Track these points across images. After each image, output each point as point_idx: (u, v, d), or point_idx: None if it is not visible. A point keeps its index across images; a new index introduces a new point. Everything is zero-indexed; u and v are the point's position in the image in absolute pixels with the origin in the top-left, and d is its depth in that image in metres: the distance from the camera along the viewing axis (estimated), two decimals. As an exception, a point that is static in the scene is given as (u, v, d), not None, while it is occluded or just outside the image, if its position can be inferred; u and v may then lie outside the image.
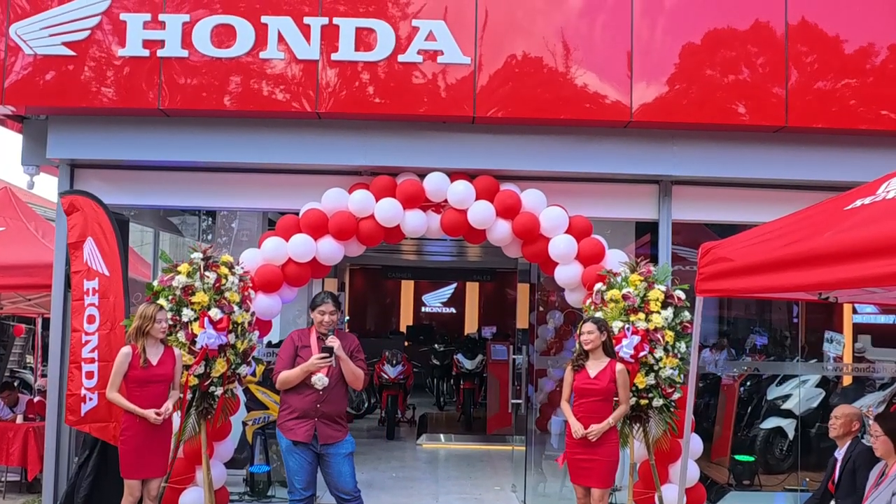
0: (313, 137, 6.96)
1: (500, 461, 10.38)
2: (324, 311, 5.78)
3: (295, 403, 5.72)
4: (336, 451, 5.73)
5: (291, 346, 5.83)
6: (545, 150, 6.97)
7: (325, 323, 5.76)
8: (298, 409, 5.69)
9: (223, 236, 9.90)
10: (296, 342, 5.83)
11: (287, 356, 5.78)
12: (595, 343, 5.78)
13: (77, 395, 6.54)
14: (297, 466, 5.70)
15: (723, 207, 7.30)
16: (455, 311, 20.43)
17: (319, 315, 5.78)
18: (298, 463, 5.70)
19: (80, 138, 6.99)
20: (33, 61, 6.72)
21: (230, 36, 6.69)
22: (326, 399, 5.69)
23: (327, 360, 5.63)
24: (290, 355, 5.77)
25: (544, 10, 6.82)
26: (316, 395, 5.67)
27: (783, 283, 3.87)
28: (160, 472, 5.83)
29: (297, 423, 5.68)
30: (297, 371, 5.67)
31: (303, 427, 5.67)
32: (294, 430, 5.68)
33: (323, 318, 5.77)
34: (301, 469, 5.70)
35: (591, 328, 5.81)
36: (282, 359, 5.81)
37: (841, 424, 5.67)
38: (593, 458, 5.72)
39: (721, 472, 8.45)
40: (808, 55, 6.80)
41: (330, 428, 5.71)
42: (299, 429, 5.67)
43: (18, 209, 9.34)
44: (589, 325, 5.83)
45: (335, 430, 5.74)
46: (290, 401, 5.75)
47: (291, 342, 5.85)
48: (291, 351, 5.79)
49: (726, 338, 10.93)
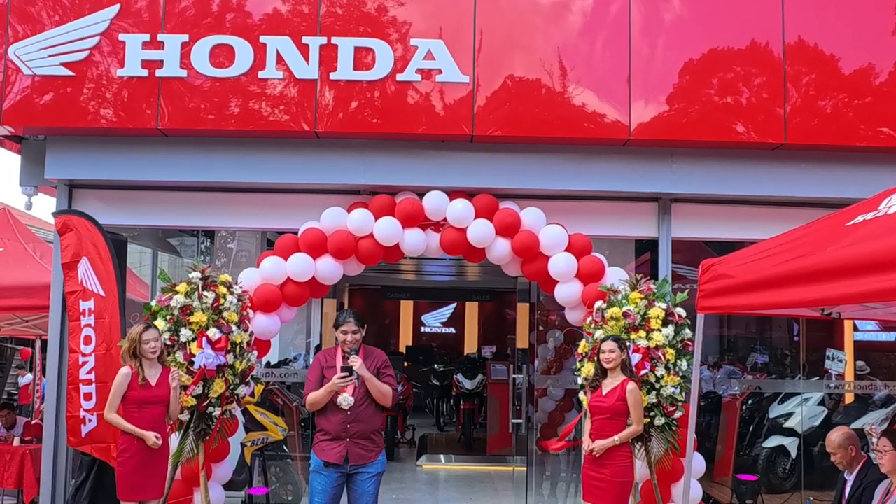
0: (312, 157, 6.95)
1: (501, 482, 10.31)
2: (346, 330, 5.66)
3: (325, 426, 5.64)
4: (366, 470, 5.65)
5: (318, 367, 5.75)
6: (544, 168, 6.96)
7: (348, 342, 5.65)
8: (330, 431, 5.61)
9: (222, 257, 9.88)
10: (322, 363, 5.76)
11: (315, 377, 5.70)
12: (616, 362, 5.72)
13: (77, 417, 6.50)
14: (320, 488, 5.61)
15: (722, 225, 7.28)
16: (454, 331, 20.37)
17: (342, 335, 5.68)
18: (322, 485, 5.61)
19: (79, 159, 6.98)
20: (32, 82, 6.72)
21: (229, 56, 6.70)
22: (355, 419, 5.60)
23: (348, 379, 5.53)
24: (318, 376, 5.69)
25: (542, 28, 6.84)
26: (343, 416, 5.58)
27: (785, 299, 3.85)
28: (157, 495, 5.76)
29: (330, 445, 5.60)
30: (321, 392, 5.58)
31: (335, 449, 5.58)
32: (326, 451, 5.60)
33: (346, 338, 5.66)
34: (323, 492, 5.60)
35: (613, 346, 5.74)
36: (310, 380, 5.73)
37: (841, 457, 5.57)
38: (602, 478, 5.67)
39: (724, 492, 8.40)
40: (807, 73, 6.82)
41: (362, 448, 5.62)
42: (332, 450, 5.59)
43: (16, 230, 9.31)
44: (610, 344, 5.76)
45: (367, 450, 5.64)
46: (321, 423, 5.68)
47: (318, 363, 5.78)
48: (318, 372, 5.71)
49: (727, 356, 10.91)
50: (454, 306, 20.25)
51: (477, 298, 19.35)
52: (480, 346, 17.68)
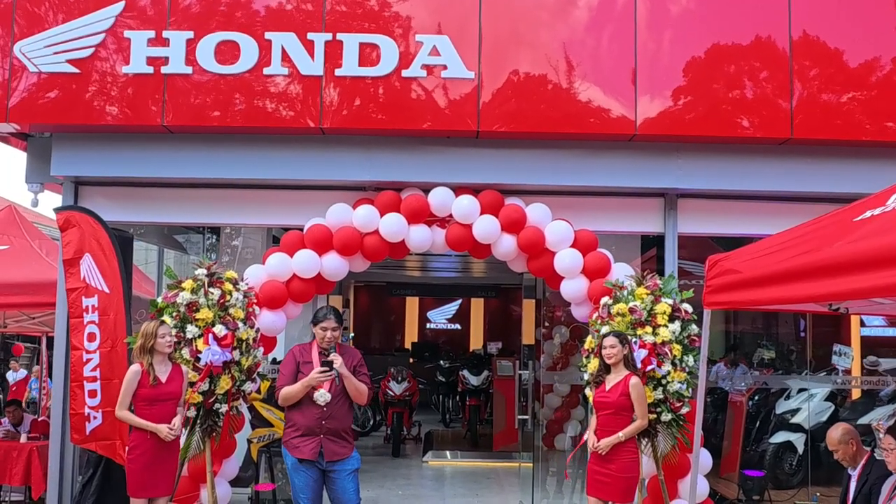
0: (317, 153, 6.94)
1: (507, 478, 10.30)
2: (326, 326, 5.68)
3: (299, 420, 5.64)
4: (341, 467, 5.65)
5: (293, 361, 5.74)
6: (550, 164, 6.95)
7: (327, 339, 5.67)
8: (303, 426, 5.61)
9: (227, 254, 9.89)
10: (297, 357, 5.75)
11: (289, 372, 5.70)
12: (617, 357, 5.73)
13: (81, 414, 6.49)
14: (302, 484, 5.63)
15: (729, 220, 7.26)
16: (460, 328, 20.39)
17: (321, 331, 5.69)
18: (304, 481, 5.62)
19: (84, 156, 6.98)
20: (38, 79, 6.72)
21: (234, 52, 6.69)
22: (330, 415, 5.61)
23: (328, 374, 5.54)
24: (292, 371, 5.69)
25: (548, 23, 6.81)
26: (320, 412, 5.59)
27: (793, 294, 3.83)
28: (167, 492, 5.75)
29: (303, 441, 5.61)
30: (298, 386, 5.59)
31: (308, 445, 5.59)
32: (300, 447, 5.60)
33: (325, 334, 5.67)
34: (307, 487, 5.61)
35: (613, 342, 5.76)
36: (283, 374, 5.73)
37: (843, 452, 5.57)
38: (607, 473, 5.68)
39: (730, 488, 8.38)
40: (813, 68, 6.79)
41: (336, 444, 5.63)
42: (305, 446, 5.59)
43: (22, 227, 9.34)
44: (611, 339, 5.78)
45: (341, 446, 5.66)
46: (294, 418, 5.68)
47: (293, 357, 5.77)
48: (293, 366, 5.71)
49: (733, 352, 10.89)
50: (460, 302, 20.27)
51: (482, 295, 19.39)
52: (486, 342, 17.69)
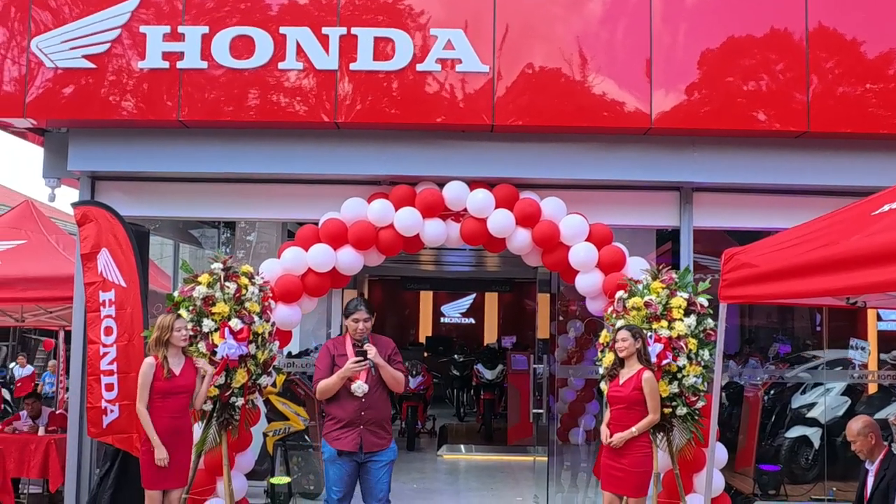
0: (332, 148, 6.95)
1: (522, 472, 10.31)
2: (357, 318, 5.67)
3: (338, 413, 5.66)
4: (379, 458, 5.67)
5: (328, 355, 5.76)
6: (565, 157, 6.93)
7: (359, 330, 5.66)
8: (343, 418, 5.63)
9: (241, 248, 9.93)
10: (332, 351, 5.76)
11: (324, 366, 5.71)
12: (629, 350, 5.72)
13: (98, 408, 6.53)
14: (336, 477, 5.64)
15: (745, 214, 7.22)
16: (474, 322, 20.38)
17: (353, 322, 5.68)
18: (338, 474, 5.64)
19: (101, 151, 7.02)
20: (54, 75, 6.76)
21: (249, 47, 6.70)
22: (369, 406, 5.62)
23: (362, 363, 5.55)
24: (328, 364, 5.70)
25: (563, 17, 6.80)
26: (358, 403, 5.60)
27: (810, 287, 3.82)
28: (181, 483, 5.82)
29: (343, 433, 5.62)
30: (334, 379, 5.59)
31: (348, 436, 5.61)
32: (340, 439, 5.62)
33: (357, 326, 5.67)
34: (340, 480, 5.63)
35: (626, 335, 5.75)
36: (319, 368, 5.74)
37: (861, 444, 5.56)
38: (620, 467, 5.68)
39: (746, 483, 8.36)
40: (829, 60, 6.74)
41: (375, 436, 5.65)
42: (345, 438, 5.61)
43: (40, 222, 9.38)
44: (623, 333, 5.78)
45: (380, 437, 5.67)
46: (334, 411, 5.70)
47: (327, 351, 5.79)
48: (328, 360, 5.72)
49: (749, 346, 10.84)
50: (474, 297, 20.26)
51: (496, 289, 19.37)
52: (500, 336, 17.68)
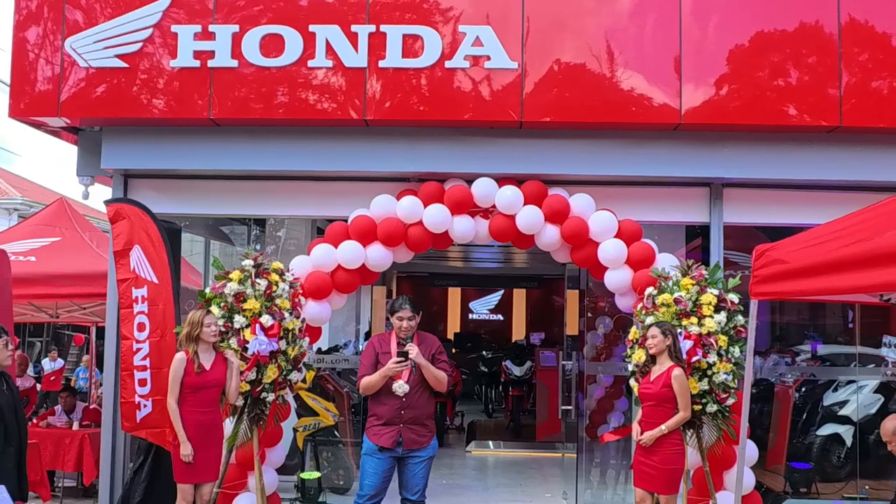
0: (361, 145, 6.98)
1: (550, 468, 10.31)
2: (402, 316, 5.70)
3: (379, 411, 5.70)
4: (419, 454, 5.71)
5: (372, 351, 5.80)
6: (593, 153, 6.91)
7: (403, 328, 5.68)
8: (383, 416, 5.68)
9: (271, 245, 9.99)
10: (377, 348, 5.80)
11: (369, 362, 5.75)
12: (659, 347, 5.72)
13: (131, 403, 6.61)
14: (371, 470, 5.69)
15: (775, 210, 7.17)
16: (502, 318, 20.38)
17: (398, 321, 5.71)
18: (374, 467, 5.68)
19: (133, 149, 7.10)
20: (87, 74, 6.84)
21: (279, 45, 6.74)
22: (409, 405, 5.66)
23: (403, 364, 5.58)
24: (372, 361, 5.74)
25: (591, 11, 6.77)
26: (399, 402, 5.64)
27: (843, 284, 3.80)
28: (212, 477, 5.89)
29: (383, 429, 5.67)
30: (376, 377, 5.64)
31: (388, 433, 5.65)
32: (380, 435, 5.67)
33: (401, 324, 5.69)
34: (375, 473, 5.68)
35: (655, 332, 5.75)
36: (364, 364, 5.78)
37: None
38: (651, 464, 5.68)
39: (777, 480, 8.29)
40: (862, 54, 6.66)
41: (415, 433, 5.68)
42: (384, 434, 5.65)
43: (73, 220, 9.54)
44: (653, 330, 5.78)
45: (420, 435, 5.71)
46: (375, 409, 5.74)
47: (373, 347, 5.83)
48: (373, 356, 5.76)
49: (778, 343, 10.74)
50: (502, 293, 20.25)
51: (525, 285, 19.34)
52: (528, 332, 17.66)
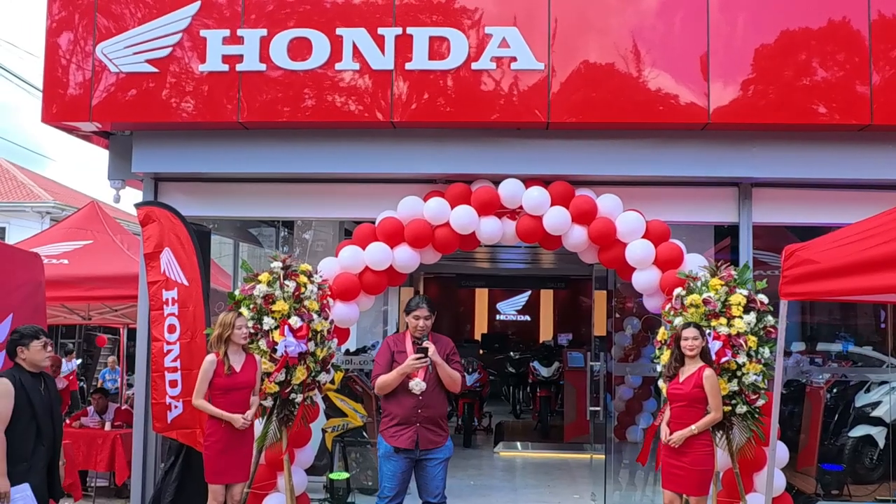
0: (388, 147, 7.01)
1: (578, 469, 10.28)
2: (418, 315, 5.71)
3: (395, 410, 5.71)
4: (434, 455, 5.71)
5: (388, 350, 5.81)
6: (621, 154, 6.90)
7: (419, 327, 5.70)
8: (399, 415, 5.68)
9: (299, 247, 10.06)
10: (392, 347, 5.82)
11: (384, 361, 5.77)
12: (699, 349, 5.67)
13: (162, 404, 6.69)
14: (390, 473, 5.70)
15: (805, 209, 7.11)
16: (530, 319, 20.35)
17: (414, 320, 5.72)
18: (393, 470, 5.70)
19: (163, 152, 7.18)
20: (118, 79, 6.93)
21: (306, 49, 6.79)
22: (426, 404, 5.67)
23: (423, 360, 5.59)
24: (387, 360, 5.76)
25: (617, 10, 6.75)
26: (415, 401, 5.65)
27: (875, 284, 3.76)
28: (243, 478, 5.94)
29: (399, 430, 5.67)
30: (393, 374, 5.65)
31: (405, 434, 5.66)
32: (396, 436, 5.67)
33: (418, 323, 5.71)
34: (394, 476, 5.69)
35: (695, 333, 5.69)
36: (379, 364, 5.80)
37: None
38: (681, 466, 5.65)
39: (808, 482, 8.21)
40: (892, 50, 6.59)
41: (431, 433, 5.69)
42: (401, 435, 5.66)
43: (105, 223, 9.65)
44: (693, 331, 5.70)
45: (436, 434, 5.72)
46: (391, 408, 5.76)
47: (388, 347, 5.84)
48: (388, 356, 5.78)
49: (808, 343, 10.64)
50: (529, 294, 20.22)
51: (552, 286, 19.30)
52: (556, 333, 17.62)
